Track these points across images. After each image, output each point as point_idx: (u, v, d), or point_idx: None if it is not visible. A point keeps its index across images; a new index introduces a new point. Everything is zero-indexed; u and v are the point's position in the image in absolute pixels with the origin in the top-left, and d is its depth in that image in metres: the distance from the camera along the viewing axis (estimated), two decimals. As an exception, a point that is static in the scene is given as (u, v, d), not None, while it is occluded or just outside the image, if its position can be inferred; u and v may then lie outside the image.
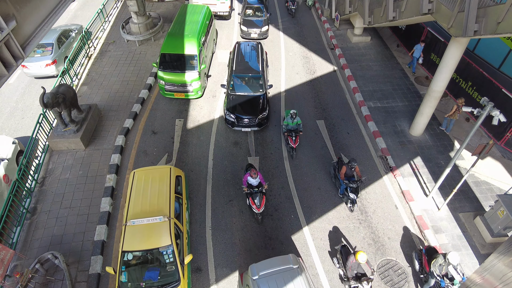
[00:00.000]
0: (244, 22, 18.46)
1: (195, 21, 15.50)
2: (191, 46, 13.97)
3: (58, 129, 12.12)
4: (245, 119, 12.59)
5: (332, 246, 9.81)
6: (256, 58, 14.27)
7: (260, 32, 18.19)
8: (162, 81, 13.91)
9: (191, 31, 14.67)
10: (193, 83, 13.77)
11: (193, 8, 16.68)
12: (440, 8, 10.12)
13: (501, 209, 9.32)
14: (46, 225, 10.09)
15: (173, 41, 14.23)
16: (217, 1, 19.50)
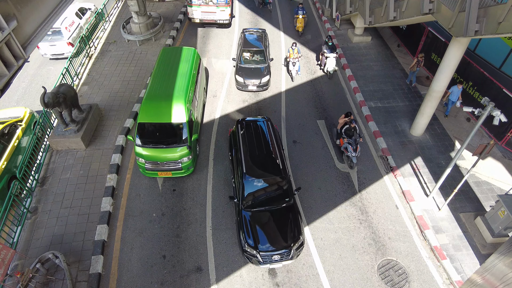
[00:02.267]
0: (240, 70, 14.79)
1: (181, 73, 12.17)
2: (177, 111, 10.85)
3: (58, 129, 12.13)
4: None
5: (332, 246, 9.81)
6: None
7: (260, 84, 14.57)
8: (141, 159, 10.78)
9: (176, 89, 11.47)
10: (183, 159, 10.77)
11: (176, 54, 13.26)
12: (440, 8, 10.11)
13: (501, 209, 9.31)
14: (46, 224, 10.10)
15: (153, 106, 11.00)
16: (216, 9, 18.08)
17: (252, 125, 11.26)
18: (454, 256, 9.55)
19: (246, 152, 10.24)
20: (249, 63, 15.10)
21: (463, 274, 9.17)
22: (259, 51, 15.33)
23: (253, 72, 14.72)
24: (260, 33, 16.38)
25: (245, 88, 14.69)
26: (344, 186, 11.37)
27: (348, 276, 9.18)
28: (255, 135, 10.83)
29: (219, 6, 17.83)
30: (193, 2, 17.75)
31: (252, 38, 15.99)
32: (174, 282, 8.99)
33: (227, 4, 17.94)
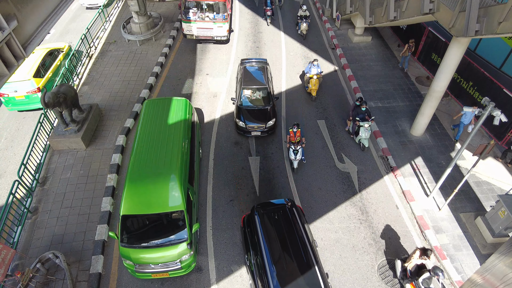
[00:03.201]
0: (240, 112, 12.71)
1: (172, 136, 9.75)
2: (172, 195, 8.48)
3: (59, 129, 12.14)
4: None
5: (333, 246, 9.81)
6: None
7: (265, 128, 12.44)
8: (129, 261, 8.35)
9: (168, 160, 9.01)
10: (183, 257, 8.44)
11: (163, 108, 10.79)
12: (441, 8, 10.11)
13: (502, 209, 9.30)
14: (47, 224, 10.11)
15: (139, 191, 8.54)
16: (213, 25, 16.68)
17: (274, 214, 8.71)
18: (455, 256, 9.55)
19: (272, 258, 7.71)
20: (251, 103, 13.03)
21: (463, 274, 9.17)
22: (262, 89, 13.13)
23: (256, 115, 12.63)
24: (262, 64, 14.32)
25: (247, 134, 12.63)
26: (344, 186, 11.37)
27: (349, 276, 9.18)
28: (278, 230, 8.27)
29: (216, 22, 16.56)
30: (188, 18, 16.52)
31: (253, 71, 13.81)
32: (174, 282, 8.99)
33: (225, 19, 16.60)
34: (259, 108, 12.85)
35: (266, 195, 11.03)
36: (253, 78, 13.48)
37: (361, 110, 12.06)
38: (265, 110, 12.77)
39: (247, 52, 17.65)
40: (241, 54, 17.47)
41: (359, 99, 12.29)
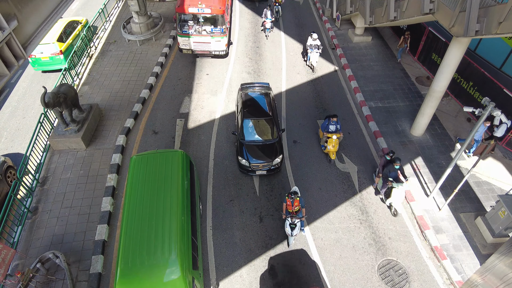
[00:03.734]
0: (242, 148, 11.29)
1: (168, 204, 8.09)
2: None
3: (59, 129, 12.14)
4: None
5: (333, 246, 9.81)
6: None
7: (271, 166, 11.12)
8: None
9: (166, 245, 7.37)
10: None
11: (155, 165, 9.00)
12: (441, 8, 10.11)
13: (502, 210, 9.30)
14: (47, 224, 10.11)
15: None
16: (211, 39, 15.65)
17: None
18: (455, 256, 9.55)
19: None
20: (255, 137, 11.52)
21: (463, 274, 9.16)
22: (267, 120, 11.75)
23: (261, 151, 11.23)
24: (264, 90, 12.94)
25: (251, 173, 11.27)
26: (345, 186, 11.37)
27: (349, 276, 9.18)
28: None
29: (214, 36, 15.57)
30: (184, 32, 15.60)
31: (255, 98, 12.41)
32: (175, 282, 8.98)
33: (223, 33, 15.59)
34: (264, 143, 11.43)
35: (266, 195, 11.03)
36: (256, 107, 12.11)
37: (393, 167, 9.92)
38: (271, 145, 11.36)
39: (247, 51, 17.65)
40: (241, 53, 17.47)
41: (391, 153, 10.13)
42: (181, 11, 15.20)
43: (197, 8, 14.97)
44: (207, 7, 15.03)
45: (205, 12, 15.09)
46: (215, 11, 15.15)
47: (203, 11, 15.07)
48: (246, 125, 11.67)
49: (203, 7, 14.95)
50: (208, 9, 15.05)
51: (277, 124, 11.89)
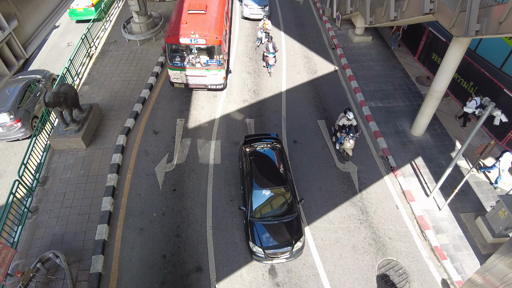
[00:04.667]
0: (254, 230, 9.12)
1: None
2: None
3: (59, 129, 12.14)
4: None
5: (333, 246, 9.81)
6: None
7: (292, 253, 8.96)
8: None
9: None
10: None
11: None
12: (441, 8, 10.10)
13: (502, 210, 9.30)
14: (47, 224, 10.11)
15: None
16: (206, 73, 13.53)
17: None
18: (455, 256, 9.55)
19: None
20: (268, 214, 9.33)
21: (463, 274, 9.17)
22: (282, 191, 9.57)
23: (277, 232, 9.06)
24: (274, 144, 10.78)
25: (267, 261, 8.99)
26: (345, 186, 11.37)
27: (349, 276, 9.18)
28: None
29: (210, 69, 13.44)
30: (175, 64, 13.39)
31: (264, 159, 10.32)
32: (175, 282, 8.99)
33: (221, 65, 13.41)
34: (281, 220, 9.19)
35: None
36: (266, 172, 9.98)
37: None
38: (290, 223, 9.16)
39: (247, 51, 17.64)
40: (241, 54, 17.47)
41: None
42: (171, 41, 13.00)
43: (190, 38, 12.69)
44: (201, 37, 12.77)
45: (199, 43, 12.84)
46: (210, 41, 12.89)
47: (197, 41, 12.78)
48: (256, 197, 9.44)
49: (196, 37, 12.71)
50: (203, 39, 12.75)
51: (294, 192, 9.72)
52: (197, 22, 13.35)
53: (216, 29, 13.42)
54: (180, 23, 13.25)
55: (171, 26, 13.57)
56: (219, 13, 14.65)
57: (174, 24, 13.51)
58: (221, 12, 14.90)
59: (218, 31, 13.37)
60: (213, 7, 14.67)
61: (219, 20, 14.18)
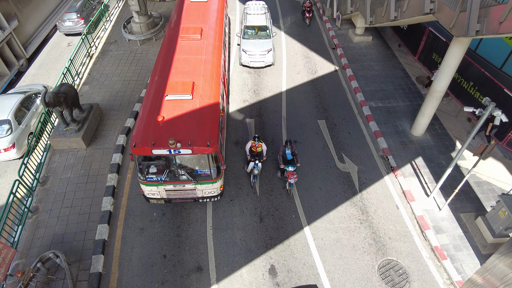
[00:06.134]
0: None
1: None
2: None
3: (59, 129, 12.14)
4: None
5: (333, 246, 9.82)
6: None
7: None
8: None
9: None
10: None
11: None
12: (442, 8, 10.10)
13: (502, 210, 9.29)
14: (47, 224, 10.12)
15: None
16: (196, 186, 9.54)
17: None
18: (455, 256, 9.55)
19: None
20: None
21: (463, 274, 9.16)
22: None
23: None
24: None
25: None
26: (345, 186, 11.37)
27: (349, 276, 9.18)
28: None
29: (202, 182, 9.44)
30: (149, 179, 9.29)
31: None
32: (175, 282, 8.99)
33: (218, 176, 9.53)
34: None
35: (266, 195, 11.03)
36: None
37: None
38: None
39: (248, 52, 17.65)
40: (241, 54, 17.47)
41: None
42: (139, 153, 8.71)
43: (168, 149, 8.51)
44: (186, 147, 8.50)
45: (182, 153, 8.65)
46: (200, 150, 8.62)
47: (179, 152, 8.59)
48: None
49: (178, 147, 8.44)
50: (188, 149, 8.54)
51: None
52: (179, 118, 9.22)
53: (209, 131, 9.06)
54: (151, 120, 9.10)
55: (140, 124, 9.19)
56: (214, 93, 10.19)
57: (143, 122, 9.20)
58: (216, 90, 10.39)
59: (211, 133, 9.02)
60: (204, 83, 10.31)
61: (213, 111, 9.68)
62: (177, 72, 10.60)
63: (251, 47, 16.08)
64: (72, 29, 18.13)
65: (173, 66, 10.86)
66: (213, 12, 13.84)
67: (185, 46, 11.71)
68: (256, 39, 16.44)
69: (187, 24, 12.90)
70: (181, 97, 9.68)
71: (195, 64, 10.94)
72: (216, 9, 14.19)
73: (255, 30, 16.69)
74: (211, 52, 11.60)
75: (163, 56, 11.53)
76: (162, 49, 12.04)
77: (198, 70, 10.72)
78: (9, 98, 12.49)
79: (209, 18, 13.36)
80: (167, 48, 11.83)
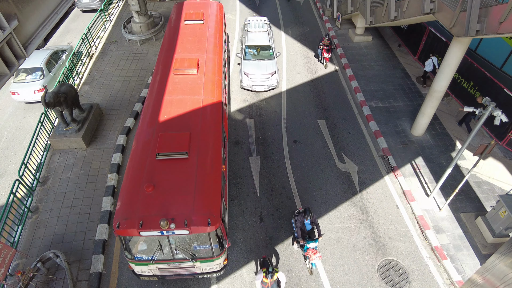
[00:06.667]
0: None
1: None
2: None
3: (59, 128, 12.14)
4: None
5: (333, 246, 9.82)
6: None
7: None
8: None
9: None
10: None
11: None
12: (442, 7, 10.10)
13: (502, 210, 9.29)
14: (47, 224, 10.12)
15: None
16: (194, 264, 7.95)
17: None
18: (455, 256, 9.55)
19: None
20: None
21: (463, 274, 9.16)
22: None
23: None
24: None
25: None
26: (345, 186, 11.37)
27: (349, 276, 9.18)
28: None
29: (202, 260, 7.84)
30: (138, 258, 7.72)
31: None
32: (175, 281, 8.99)
33: (220, 252, 7.86)
34: None
35: (266, 195, 11.04)
36: None
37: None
38: None
39: (248, 51, 17.65)
40: (241, 53, 17.48)
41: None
42: (125, 234, 7.13)
43: (159, 230, 6.99)
44: (181, 227, 6.99)
45: (177, 233, 7.15)
46: (199, 229, 7.10)
47: (173, 233, 7.11)
48: None
49: (172, 228, 6.90)
50: (184, 229, 7.01)
51: None
52: (173, 185, 7.50)
53: (209, 195, 7.57)
54: (138, 188, 7.45)
55: (125, 193, 7.53)
56: (215, 145, 8.53)
57: (129, 190, 7.55)
58: (217, 141, 8.69)
59: (212, 202, 7.49)
60: (203, 134, 8.56)
61: (215, 171, 8.05)
62: (168, 122, 8.73)
63: (253, 69, 14.58)
64: (89, 6, 21.04)
65: (164, 111, 9.03)
66: (210, 38, 12.21)
67: (179, 83, 10.02)
68: (258, 60, 15.00)
69: (181, 54, 11.19)
70: (175, 156, 7.88)
71: (191, 107, 9.17)
72: (214, 33, 12.53)
73: (257, 50, 15.29)
74: (210, 91, 9.85)
75: (154, 97, 9.63)
76: (153, 88, 10.17)
77: (195, 118, 8.91)
78: (41, 52, 15.21)
79: (207, 46, 11.66)
80: (158, 87, 10.04)
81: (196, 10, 13.68)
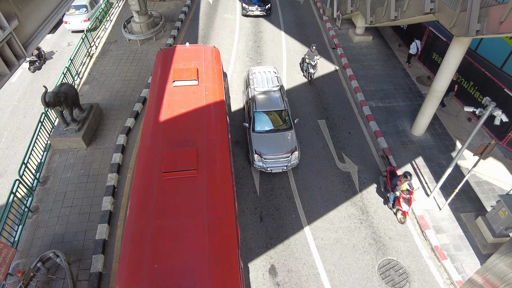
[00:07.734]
0: None
1: None
2: None
3: (59, 128, 12.14)
4: None
5: (333, 246, 9.82)
6: None
7: None
8: None
9: None
10: None
11: None
12: (442, 7, 10.10)
13: (502, 210, 9.29)
14: (47, 223, 10.12)
15: None
16: None
17: None
18: (455, 256, 9.55)
19: None
20: None
21: (463, 274, 9.16)
22: None
23: None
24: None
25: None
26: (345, 185, 11.37)
27: (349, 275, 9.18)
28: None
29: None
30: None
31: None
32: (175, 281, 8.98)
33: None
34: None
35: (266, 195, 11.03)
36: None
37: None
38: None
39: (248, 51, 17.64)
40: (241, 53, 17.46)
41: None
42: None
43: None
44: None
45: None
46: None
47: None
48: None
49: None
50: None
51: None
52: None
53: None
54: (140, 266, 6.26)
55: (124, 269, 6.34)
56: None
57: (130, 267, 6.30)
58: None
59: None
60: None
61: None
62: None
63: (267, 147, 11.17)
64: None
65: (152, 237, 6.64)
66: (209, 114, 9.03)
67: (171, 190, 7.20)
68: (271, 132, 11.52)
69: (171, 137, 8.14)
70: None
71: None
72: (213, 103, 9.34)
73: (269, 116, 11.85)
74: (215, 210, 7.03)
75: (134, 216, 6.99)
76: (133, 198, 7.34)
77: None
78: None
79: (205, 126, 8.62)
80: (142, 193, 7.28)
81: (187, 62, 10.64)
